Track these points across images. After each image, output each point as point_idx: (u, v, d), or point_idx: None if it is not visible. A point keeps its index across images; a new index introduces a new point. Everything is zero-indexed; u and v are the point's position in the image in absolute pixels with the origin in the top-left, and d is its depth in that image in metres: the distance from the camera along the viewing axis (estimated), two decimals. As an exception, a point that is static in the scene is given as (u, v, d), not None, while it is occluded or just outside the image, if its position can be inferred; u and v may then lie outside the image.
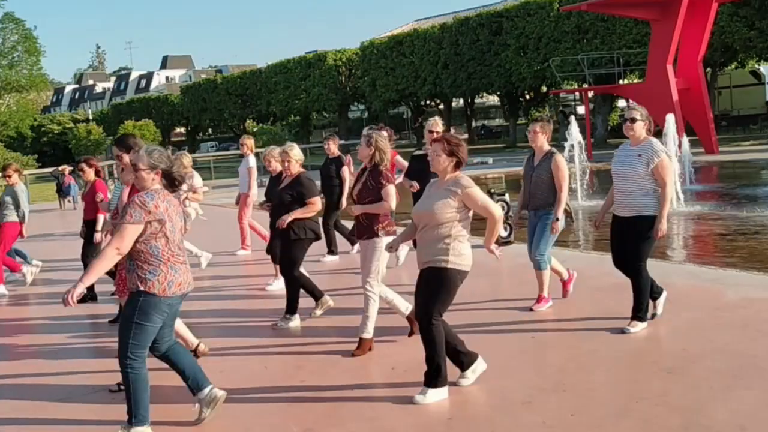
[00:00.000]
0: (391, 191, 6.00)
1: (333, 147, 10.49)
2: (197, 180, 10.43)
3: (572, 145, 15.78)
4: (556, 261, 7.04)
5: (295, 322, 6.97)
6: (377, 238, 5.90)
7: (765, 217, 12.38)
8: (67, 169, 25.34)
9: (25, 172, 18.88)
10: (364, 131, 6.51)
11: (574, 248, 10.67)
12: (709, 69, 35.39)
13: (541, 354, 5.68)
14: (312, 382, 5.34)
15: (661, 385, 4.82)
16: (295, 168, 7.07)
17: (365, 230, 5.97)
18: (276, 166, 7.88)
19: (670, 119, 15.48)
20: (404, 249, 9.15)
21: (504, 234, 10.35)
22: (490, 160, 29.72)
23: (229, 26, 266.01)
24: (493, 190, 10.88)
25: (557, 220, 6.64)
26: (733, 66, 39.24)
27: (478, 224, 5.09)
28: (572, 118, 15.92)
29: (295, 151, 7.10)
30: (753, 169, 21.46)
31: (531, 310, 6.79)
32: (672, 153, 14.91)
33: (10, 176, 10.13)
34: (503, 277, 8.58)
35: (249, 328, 7.12)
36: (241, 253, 11.34)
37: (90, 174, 8.95)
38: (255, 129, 65.95)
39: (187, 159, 10.13)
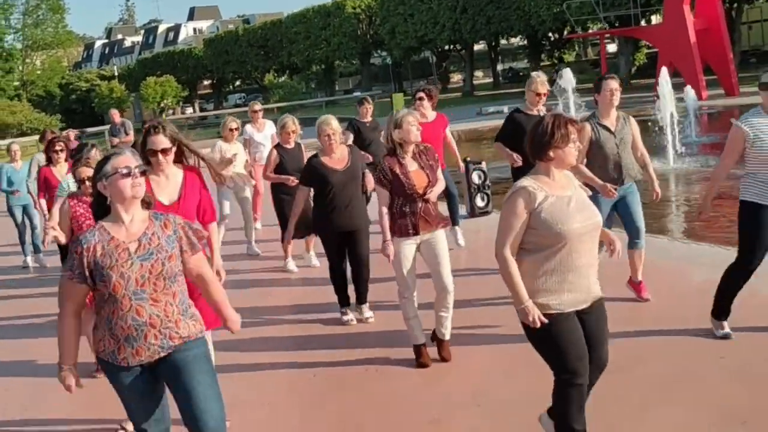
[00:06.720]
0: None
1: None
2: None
3: (564, 89, 14.92)
4: None
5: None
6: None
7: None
8: (72, 133, 24.63)
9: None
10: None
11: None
12: (735, 4, 33.96)
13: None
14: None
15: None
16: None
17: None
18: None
19: (664, 72, 14.94)
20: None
21: (481, 204, 10.06)
22: (505, 109, 28.74)
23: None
24: (468, 159, 10.22)
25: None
26: (763, -1, 37.69)
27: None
28: (566, 70, 15.18)
29: None
30: None
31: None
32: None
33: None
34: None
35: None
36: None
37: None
38: (275, 81, 65.62)
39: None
